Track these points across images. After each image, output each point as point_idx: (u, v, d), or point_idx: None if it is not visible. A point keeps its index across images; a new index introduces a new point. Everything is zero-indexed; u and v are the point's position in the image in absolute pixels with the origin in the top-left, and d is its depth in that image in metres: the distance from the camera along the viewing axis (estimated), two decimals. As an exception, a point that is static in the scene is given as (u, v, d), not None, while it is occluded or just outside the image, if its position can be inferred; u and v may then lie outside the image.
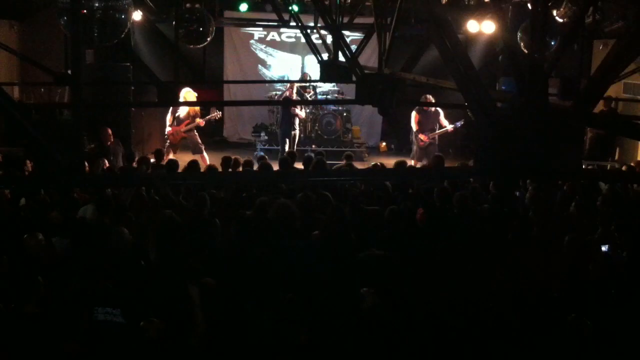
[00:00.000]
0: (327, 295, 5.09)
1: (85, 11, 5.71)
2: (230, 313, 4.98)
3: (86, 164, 7.49)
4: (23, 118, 3.49)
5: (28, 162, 8.50)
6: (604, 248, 6.14)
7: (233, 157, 9.16)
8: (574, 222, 6.73)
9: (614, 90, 11.45)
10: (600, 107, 11.38)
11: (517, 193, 7.96)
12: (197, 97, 11.90)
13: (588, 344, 4.58)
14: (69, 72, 6.16)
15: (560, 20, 9.81)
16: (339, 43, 7.38)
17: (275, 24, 13.83)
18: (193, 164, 8.55)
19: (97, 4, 5.87)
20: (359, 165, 10.93)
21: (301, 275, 5.38)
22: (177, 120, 11.90)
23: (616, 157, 12.55)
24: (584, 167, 10.00)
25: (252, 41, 15.50)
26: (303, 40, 12.48)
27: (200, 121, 11.87)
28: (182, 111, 11.89)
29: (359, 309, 4.81)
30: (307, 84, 14.04)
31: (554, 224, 6.65)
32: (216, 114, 12.34)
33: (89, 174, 6.60)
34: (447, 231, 6.36)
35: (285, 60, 15.66)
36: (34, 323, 4.70)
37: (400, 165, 9.04)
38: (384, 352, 4.56)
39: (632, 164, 10.53)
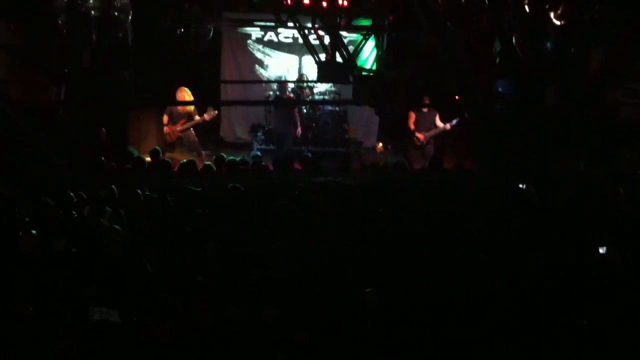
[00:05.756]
0: (326, 295, 5.09)
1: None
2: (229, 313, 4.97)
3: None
4: (21, 119, 3.49)
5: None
6: (602, 250, 6.13)
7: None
8: (573, 223, 6.72)
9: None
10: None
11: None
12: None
13: (586, 345, 4.59)
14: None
15: (558, 23, 9.80)
16: (337, 44, 7.39)
17: (273, 24, 13.87)
18: (190, 164, 8.51)
19: (95, 3, 5.83)
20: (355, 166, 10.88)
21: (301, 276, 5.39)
22: (172, 120, 11.86)
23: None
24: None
25: (249, 41, 15.46)
26: (301, 40, 12.48)
27: (199, 119, 11.79)
28: (178, 110, 11.83)
29: (359, 309, 4.81)
30: (304, 84, 14.00)
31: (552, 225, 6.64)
32: (213, 113, 12.26)
33: (86, 174, 6.58)
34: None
35: (282, 61, 15.63)
36: (28, 323, 4.68)
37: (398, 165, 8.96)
38: (384, 352, 4.56)
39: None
